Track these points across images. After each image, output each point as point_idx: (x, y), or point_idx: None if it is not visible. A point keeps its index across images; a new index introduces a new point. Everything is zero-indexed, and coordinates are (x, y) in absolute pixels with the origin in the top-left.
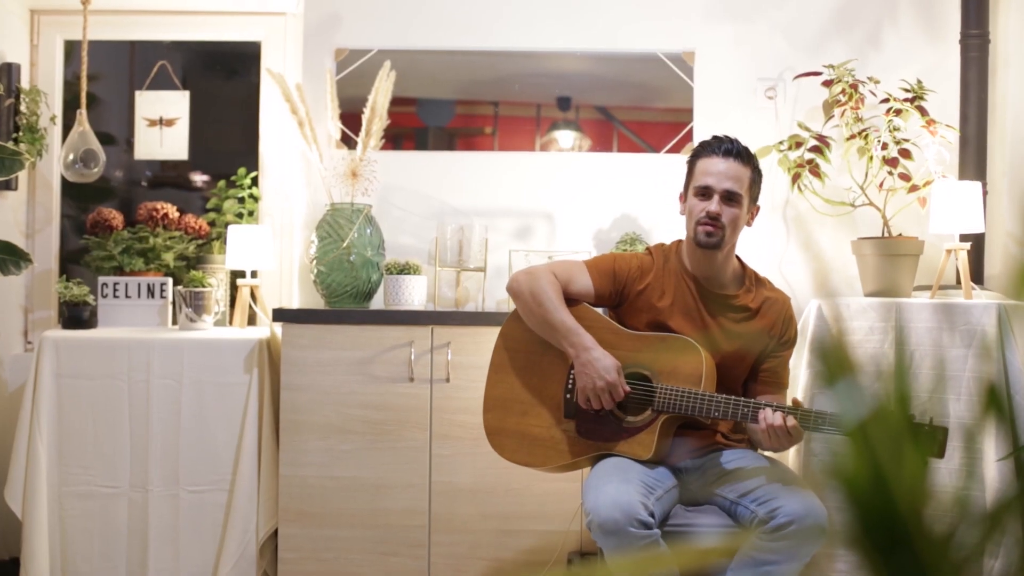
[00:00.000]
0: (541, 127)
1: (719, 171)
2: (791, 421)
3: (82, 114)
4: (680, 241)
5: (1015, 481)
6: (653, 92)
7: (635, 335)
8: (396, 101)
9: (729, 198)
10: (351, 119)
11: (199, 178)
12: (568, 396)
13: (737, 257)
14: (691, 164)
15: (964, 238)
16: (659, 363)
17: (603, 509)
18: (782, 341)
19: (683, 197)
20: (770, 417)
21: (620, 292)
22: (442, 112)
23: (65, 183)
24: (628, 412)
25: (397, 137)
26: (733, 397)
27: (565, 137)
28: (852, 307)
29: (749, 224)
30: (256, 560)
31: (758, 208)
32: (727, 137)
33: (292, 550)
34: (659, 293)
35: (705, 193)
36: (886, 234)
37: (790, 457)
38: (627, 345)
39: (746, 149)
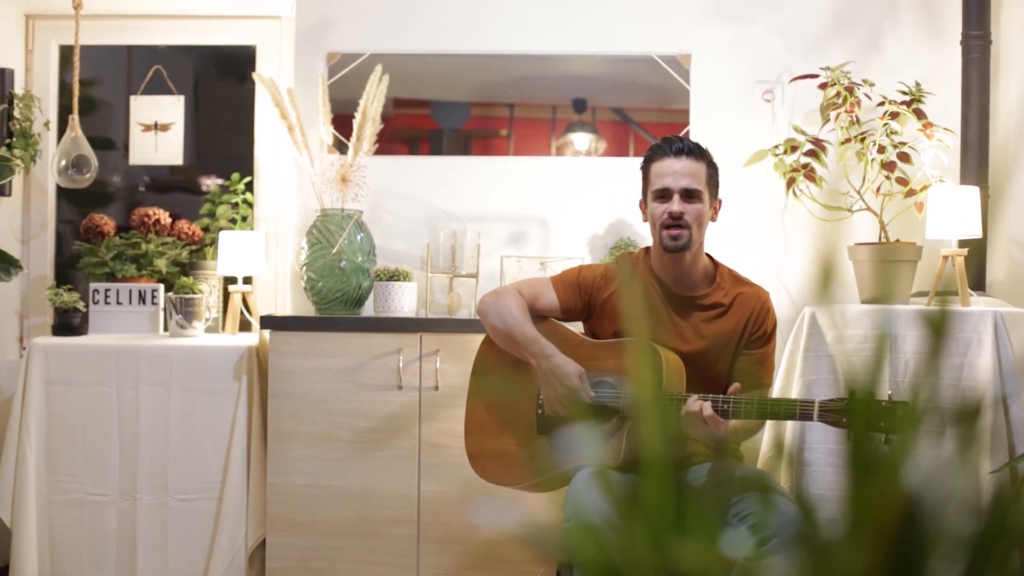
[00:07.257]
0: (557, 129)
1: (674, 170)
2: (707, 410)
3: (74, 119)
4: (647, 248)
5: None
6: (650, 94)
7: (599, 344)
8: (411, 103)
9: (689, 195)
10: (345, 123)
11: (212, 182)
12: (540, 412)
13: (708, 255)
14: (645, 170)
15: (962, 243)
16: (623, 369)
17: (584, 516)
18: (755, 336)
19: (643, 204)
20: (691, 404)
21: (587, 303)
22: (457, 114)
23: (65, 189)
24: (598, 421)
25: (412, 140)
26: (694, 395)
27: (580, 139)
28: (847, 314)
29: (713, 219)
30: (245, 569)
31: (720, 202)
32: (676, 137)
33: (280, 559)
34: None
35: (664, 195)
36: (883, 239)
37: (781, 471)
38: (592, 355)
39: (697, 145)
